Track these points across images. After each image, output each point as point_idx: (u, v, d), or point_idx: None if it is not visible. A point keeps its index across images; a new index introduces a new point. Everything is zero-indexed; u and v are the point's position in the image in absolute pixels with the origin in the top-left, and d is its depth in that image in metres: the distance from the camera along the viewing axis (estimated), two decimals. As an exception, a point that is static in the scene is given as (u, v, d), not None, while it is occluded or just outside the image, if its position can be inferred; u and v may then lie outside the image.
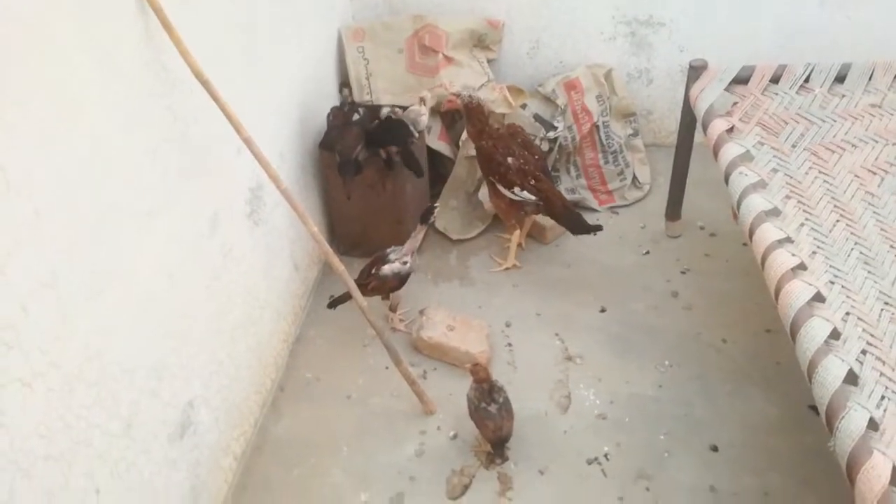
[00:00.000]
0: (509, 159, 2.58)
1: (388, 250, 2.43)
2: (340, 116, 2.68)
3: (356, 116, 2.68)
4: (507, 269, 2.79)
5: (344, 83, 2.99)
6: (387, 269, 2.38)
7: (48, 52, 1.29)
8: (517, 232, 2.74)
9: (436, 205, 2.36)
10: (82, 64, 1.38)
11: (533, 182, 2.58)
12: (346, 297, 2.40)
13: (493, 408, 2.04)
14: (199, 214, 1.87)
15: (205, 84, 1.72)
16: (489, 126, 2.65)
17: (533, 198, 2.59)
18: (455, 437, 2.18)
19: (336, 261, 2.05)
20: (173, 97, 1.70)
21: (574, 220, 2.61)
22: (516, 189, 2.58)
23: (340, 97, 2.96)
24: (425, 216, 2.36)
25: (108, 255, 1.47)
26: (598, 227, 2.61)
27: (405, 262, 2.39)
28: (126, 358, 1.55)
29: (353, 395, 2.33)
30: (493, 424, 2.04)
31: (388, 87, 2.96)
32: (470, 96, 2.61)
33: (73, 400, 1.38)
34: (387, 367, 2.33)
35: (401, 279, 2.41)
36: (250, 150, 1.86)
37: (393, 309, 2.53)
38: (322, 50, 2.86)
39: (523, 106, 2.98)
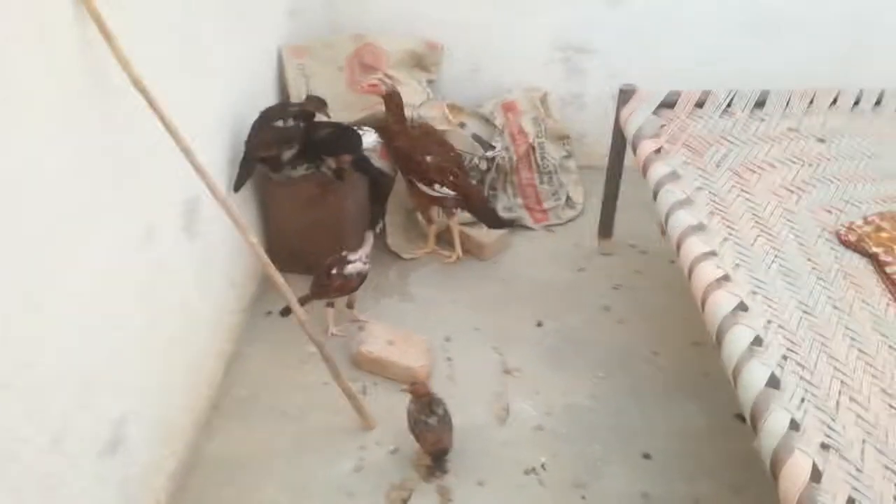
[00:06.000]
0: (428, 157, 2.66)
1: (343, 253, 2.48)
2: (266, 115, 2.56)
3: (281, 123, 2.55)
4: (426, 252, 2.92)
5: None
6: (351, 268, 2.44)
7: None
8: (434, 226, 2.90)
9: (383, 211, 2.44)
10: (15, 64, 1.35)
11: (452, 178, 2.70)
12: (305, 301, 2.37)
13: (432, 420, 2.06)
14: (133, 225, 1.83)
15: (142, 92, 1.69)
16: (406, 122, 2.70)
17: (453, 193, 2.70)
18: (395, 451, 2.17)
19: (275, 272, 2.03)
20: (109, 105, 1.67)
21: (490, 215, 2.83)
22: (436, 186, 2.69)
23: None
24: (373, 222, 2.49)
25: (38, 263, 1.43)
26: (512, 222, 2.92)
27: (365, 263, 2.47)
28: (57, 369, 1.49)
29: (289, 412, 2.30)
30: (432, 437, 2.05)
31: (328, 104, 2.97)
32: (392, 84, 2.64)
33: (1, 411, 1.33)
34: (325, 383, 2.30)
35: (362, 279, 2.49)
36: (188, 160, 1.83)
37: (351, 306, 2.57)
38: (260, 66, 2.85)
39: (462, 125, 3.04)
